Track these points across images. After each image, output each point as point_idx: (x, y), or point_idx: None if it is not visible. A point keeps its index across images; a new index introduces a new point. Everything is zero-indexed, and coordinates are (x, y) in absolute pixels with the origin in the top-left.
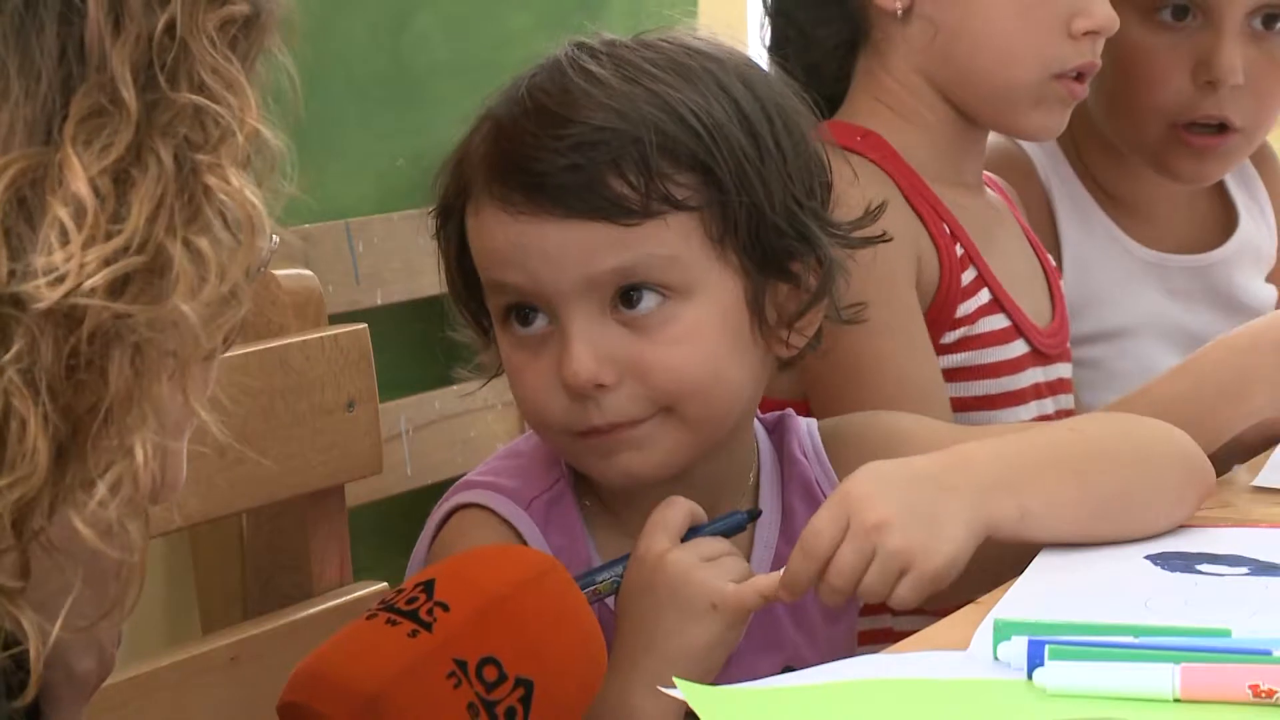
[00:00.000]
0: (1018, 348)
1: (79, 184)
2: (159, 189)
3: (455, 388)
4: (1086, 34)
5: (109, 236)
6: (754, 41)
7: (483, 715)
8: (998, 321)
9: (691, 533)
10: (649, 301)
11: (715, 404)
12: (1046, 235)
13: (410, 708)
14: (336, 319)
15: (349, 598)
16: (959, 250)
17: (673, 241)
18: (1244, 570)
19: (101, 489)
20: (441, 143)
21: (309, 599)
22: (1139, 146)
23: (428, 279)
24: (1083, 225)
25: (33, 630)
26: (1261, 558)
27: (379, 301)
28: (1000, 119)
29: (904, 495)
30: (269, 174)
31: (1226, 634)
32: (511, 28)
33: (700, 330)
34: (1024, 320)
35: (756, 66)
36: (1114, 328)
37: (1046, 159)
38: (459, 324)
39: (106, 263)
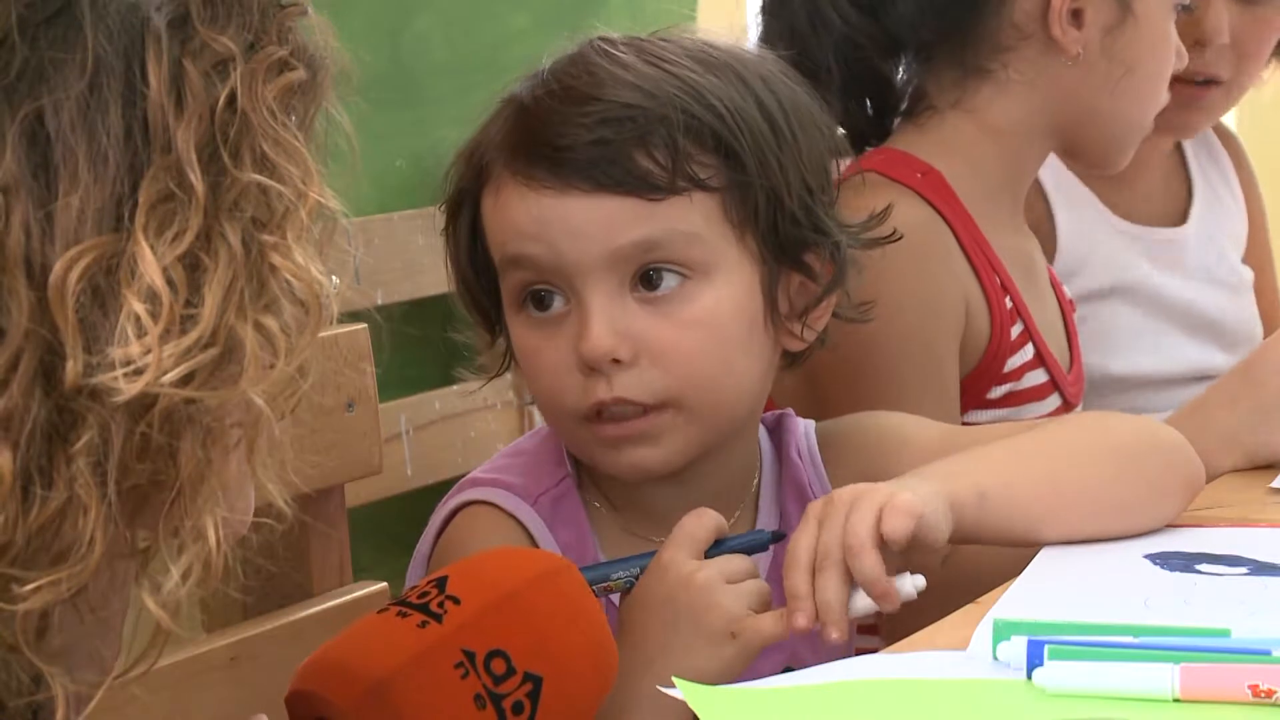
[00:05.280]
0: (1052, 402)
1: (153, 274)
2: (229, 274)
3: (455, 388)
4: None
5: (184, 328)
6: (753, 43)
7: (490, 707)
8: (1038, 377)
9: (716, 546)
10: (669, 281)
11: (722, 396)
12: (1036, 199)
13: (418, 696)
14: (336, 319)
15: (349, 598)
16: (1009, 303)
17: (695, 219)
18: (1243, 570)
19: (175, 575)
20: (441, 143)
21: (309, 599)
22: None
23: (428, 279)
24: (1067, 195)
25: (60, 692)
26: (1261, 558)
27: (379, 301)
28: (1108, 155)
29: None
30: (328, 241)
31: (1226, 634)
32: (511, 28)
33: (717, 314)
34: (1058, 371)
35: (772, 63)
36: (1090, 290)
37: None
38: (462, 324)
39: (184, 356)
